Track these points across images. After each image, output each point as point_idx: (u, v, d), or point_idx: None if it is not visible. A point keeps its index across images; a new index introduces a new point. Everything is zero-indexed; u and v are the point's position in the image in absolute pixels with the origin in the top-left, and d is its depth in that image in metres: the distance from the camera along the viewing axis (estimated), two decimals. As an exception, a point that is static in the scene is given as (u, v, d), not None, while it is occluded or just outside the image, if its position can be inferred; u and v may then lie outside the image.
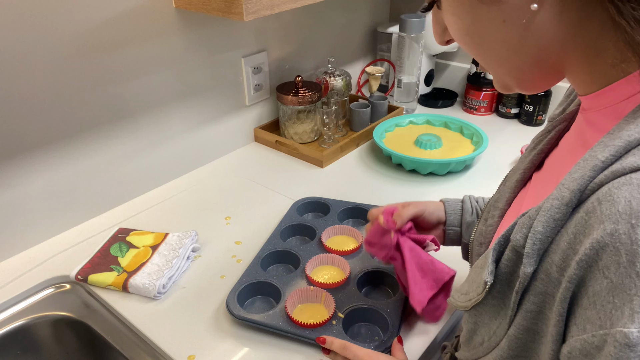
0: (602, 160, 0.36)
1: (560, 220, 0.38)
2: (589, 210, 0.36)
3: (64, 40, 0.84)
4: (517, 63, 0.44)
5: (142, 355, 0.72)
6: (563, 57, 0.42)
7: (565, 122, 0.54)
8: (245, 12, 0.83)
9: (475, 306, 0.47)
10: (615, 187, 0.34)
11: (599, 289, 0.34)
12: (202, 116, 1.14)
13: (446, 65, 1.55)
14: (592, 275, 0.35)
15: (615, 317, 0.33)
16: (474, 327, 0.49)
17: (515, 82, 0.47)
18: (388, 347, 0.68)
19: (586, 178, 0.37)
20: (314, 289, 0.76)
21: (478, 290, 0.45)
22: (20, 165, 0.85)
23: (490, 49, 0.45)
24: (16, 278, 0.84)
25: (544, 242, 0.39)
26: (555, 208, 0.38)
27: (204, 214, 1.00)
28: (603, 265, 0.34)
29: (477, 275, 0.47)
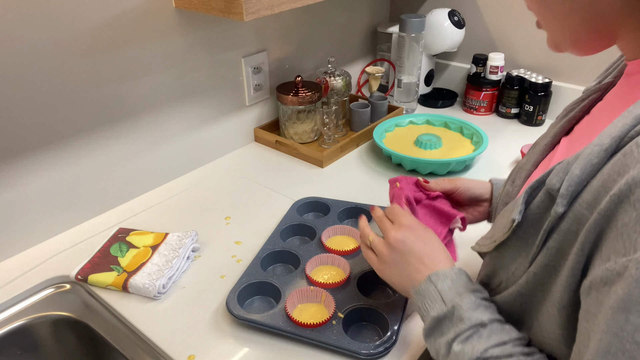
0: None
1: (597, 165, 0.40)
2: (626, 152, 0.38)
3: (64, 40, 0.84)
4: (576, 21, 0.47)
5: (142, 355, 0.72)
6: (620, 22, 0.45)
7: (599, 92, 0.56)
8: (245, 12, 0.83)
9: (498, 248, 0.50)
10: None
11: (628, 220, 0.36)
12: (202, 116, 1.14)
13: (446, 65, 1.55)
14: (623, 209, 0.37)
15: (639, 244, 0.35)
16: (493, 269, 0.52)
17: (570, 41, 0.49)
18: (388, 347, 0.67)
19: (627, 126, 0.39)
20: (314, 289, 0.76)
21: (504, 230, 0.48)
22: (20, 165, 0.85)
23: (552, 7, 0.48)
24: (16, 278, 0.84)
25: (579, 185, 0.41)
26: (595, 153, 0.40)
27: (204, 214, 1.00)
28: (635, 199, 0.36)
29: (503, 219, 0.49)
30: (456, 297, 0.52)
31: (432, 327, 0.53)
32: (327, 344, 0.68)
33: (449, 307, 0.52)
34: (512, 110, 1.39)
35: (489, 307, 0.52)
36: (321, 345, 0.68)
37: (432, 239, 0.61)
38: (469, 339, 0.49)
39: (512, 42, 1.39)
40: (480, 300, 0.52)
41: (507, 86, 1.38)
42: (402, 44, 1.37)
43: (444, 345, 0.51)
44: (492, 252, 0.51)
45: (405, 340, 0.71)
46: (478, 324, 0.49)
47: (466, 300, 0.51)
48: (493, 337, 0.48)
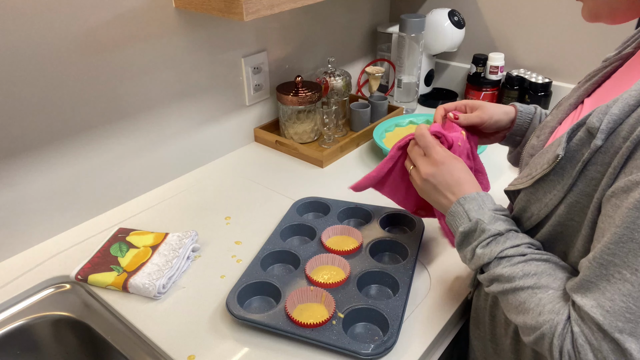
0: None
1: (634, 105, 0.48)
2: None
3: (64, 40, 0.84)
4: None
5: (142, 355, 0.72)
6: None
7: (620, 61, 0.62)
8: (245, 12, 0.83)
9: (534, 183, 0.57)
10: None
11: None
12: (202, 116, 1.14)
13: (446, 65, 1.55)
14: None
15: None
16: (525, 204, 0.59)
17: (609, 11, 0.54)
18: (388, 347, 0.67)
19: None
20: (314, 289, 0.76)
21: (544, 165, 0.55)
22: (20, 165, 0.85)
23: None
24: (16, 278, 0.84)
25: (617, 122, 0.48)
26: (632, 97, 0.48)
27: (204, 214, 1.00)
28: None
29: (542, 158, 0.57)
30: (479, 214, 0.62)
31: (461, 240, 0.63)
32: (327, 344, 0.68)
33: (473, 222, 0.61)
34: (512, 110, 1.39)
35: (507, 221, 0.61)
36: (321, 345, 0.68)
37: (460, 170, 0.67)
38: (489, 245, 0.59)
39: (512, 42, 1.39)
40: (499, 216, 0.61)
41: (507, 86, 1.38)
42: (402, 44, 1.37)
43: (469, 251, 0.61)
44: (528, 188, 0.58)
45: (405, 340, 0.71)
46: (496, 233, 0.59)
47: (487, 216, 0.61)
48: (508, 242, 0.58)
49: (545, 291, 0.54)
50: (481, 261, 0.60)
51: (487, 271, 0.60)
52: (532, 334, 0.53)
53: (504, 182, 1.08)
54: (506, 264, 0.57)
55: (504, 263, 0.57)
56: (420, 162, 0.70)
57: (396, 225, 0.95)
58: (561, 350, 0.50)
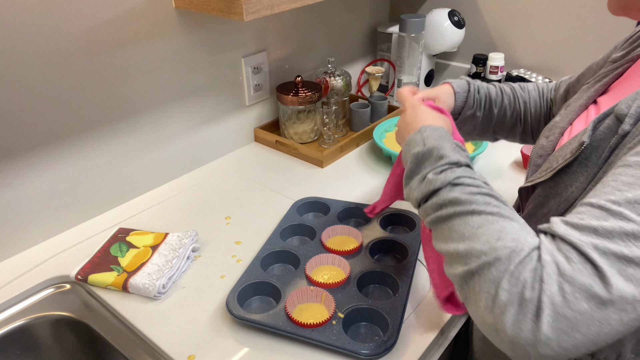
0: None
1: None
2: None
3: (64, 40, 0.84)
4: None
5: (142, 355, 0.72)
6: None
7: (631, 62, 0.61)
8: (245, 12, 0.83)
9: (555, 176, 0.54)
10: None
11: None
12: (202, 116, 1.14)
13: (446, 65, 1.55)
14: None
15: None
16: (543, 199, 0.56)
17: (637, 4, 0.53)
18: (388, 348, 0.67)
19: None
20: (314, 289, 0.76)
21: (567, 155, 0.53)
22: (20, 165, 0.85)
23: None
24: (16, 278, 0.84)
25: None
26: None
27: (204, 214, 1.00)
28: None
29: (563, 150, 0.55)
30: (439, 142, 0.56)
31: (413, 166, 0.56)
32: (327, 344, 0.68)
33: (428, 147, 0.55)
34: (512, 110, 1.39)
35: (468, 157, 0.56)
36: (321, 345, 0.68)
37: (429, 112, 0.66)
38: (443, 172, 0.52)
39: (512, 42, 1.39)
40: (461, 150, 0.56)
41: (507, 86, 1.38)
42: (402, 44, 1.37)
43: (418, 179, 0.54)
44: (547, 182, 0.55)
45: (405, 340, 0.71)
46: (455, 162, 0.53)
47: (448, 145, 0.55)
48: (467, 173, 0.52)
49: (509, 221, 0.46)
50: (431, 186, 0.52)
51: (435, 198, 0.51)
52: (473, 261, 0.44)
53: (504, 182, 1.09)
54: (462, 190, 0.49)
55: (459, 190, 0.50)
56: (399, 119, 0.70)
57: (396, 225, 0.95)
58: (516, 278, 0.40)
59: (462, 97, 0.80)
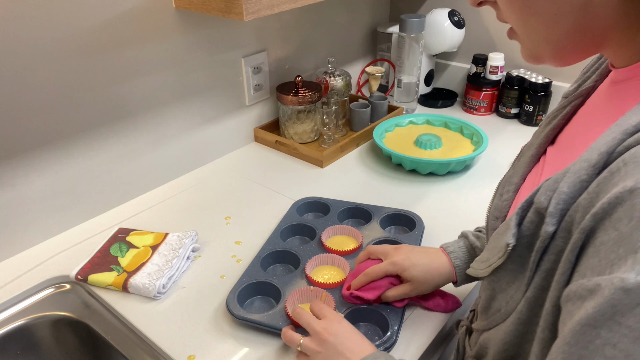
0: (634, 124, 0.37)
1: (586, 181, 0.38)
2: (613, 170, 0.36)
3: (64, 40, 0.84)
4: (561, 30, 0.43)
5: (142, 355, 0.72)
6: (607, 28, 0.41)
7: (581, 98, 0.54)
8: (245, 12, 0.83)
9: (495, 272, 0.48)
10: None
11: (607, 239, 0.35)
12: (202, 116, 1.14)
13: (446, 65, 1.55)
14: (603, 227, 0.35)
15: (616, 266, 0.33)
16: (491, 294, 0.50)
17: (551, 52, 0.45)
18: (388, 348, 0.68)
19: (616, 140, 0.37)
20: (313, 289, 0.76)
21: (499, 254, 0.46)
22: (20, 165, 0.85)
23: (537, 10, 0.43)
24: (16, 278, 0.84)
25: (568, 203, 0.39)
26: (583, 170, 0.38)
27: (204, 214, 1.00)
28: (615, 218, 0.34)
29: (497, 242, 0.48)
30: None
31: None
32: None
33: None
34: (512, 110, 1.39)
35: None
36: None
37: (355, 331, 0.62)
38: None
39: (512, 42, 1.39)
40: None
41: (507, 86, 1.38)
42: (402, 44, 1.37)
43: None
44: (490, 276, 0.50)
45: (405, 340, 0.71)
46: None
47: None
48: None
49: None
50: None
51: None
52: None
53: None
54: None
55: None
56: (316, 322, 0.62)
57: (396, 225, 0.95)
58: None
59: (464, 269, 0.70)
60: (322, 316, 0.64)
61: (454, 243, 0.73)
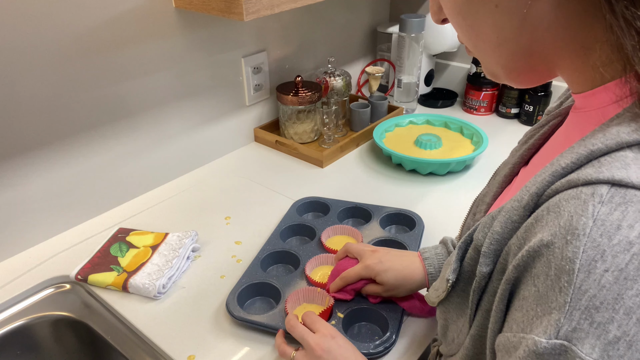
0: (563, 166, 0.36)
1: (517, 222, 0.38)
2: (537, 217, 0.36)
3: (63, 40, 0.84)
4: (507, 52, 0.42)
5: (142, 355, 0.72)
6: (555, 52, 0.40)
7: (560, 117, 0.53)
8: (245, 12, 0.83)
9: (443, 302, 0.48)
10: (564, 199, 0.34)
11: (528, 294, 0.35)
12: (202, 116, 1.14)
13: (446, 65, 1.55)
14: (525, 280, 0.36)
15: (534, 325, 0.34)
16: (444, 323, 0.50)
17: (504, 72, 0.44)
18: (388, 347, 0.68)
19: (545, 183, 0.37)
20: (313, 290, 0.76)
21: (442, 286, 0.46)
22: (20, 165, 0.85)
23: (482, 33, 0.42)
24: (16, 278, 0.84)
25: (501, 243, 0.39)
26: (514, 210, 0.38)
27: (204, 214, 1.00)
28: (535, 273, 0.34)
29: (444, 272, 0.47)
30: None
31: None
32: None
33: None
34: (512, 110, 1.39)
35: None
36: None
37: (350, 346, 0.61)
38: None
39: (512, 42, 1.39)
40: None
41: (507, 86, 1.38)
42: (402, 44, 1.37)
43: None
44: (440, 306, 0.50)
45: (405, 340, 0.71)
46: None
47: None
48: None
49: None
50: None
51: None
52: None
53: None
54: None
55: None
56: (310, 337, 0.61)
57: (396, 225, 0.95)
58: None
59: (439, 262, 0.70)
60: (315, 330, 0.62)
61: (432, 249, 0.72)
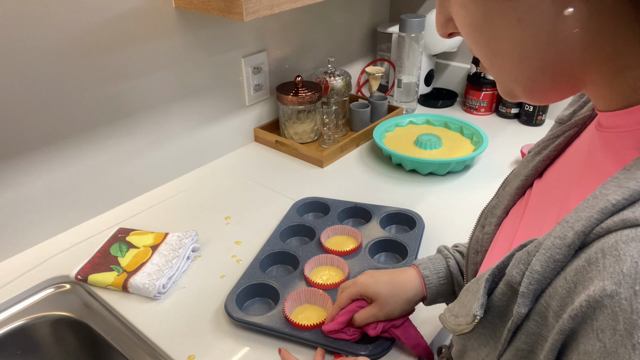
0: (614, 203, 0.32)
1: (560, 262, 0.34)
2: (591, 260, 0.32)
3: (64, 40, 0.84)
4: (528, 69, 0.39)
5: (142, 355, 0.72)
6: (582, 68, 0.37)
7: (576, 128, 0.49)
8: (245, 12, 0.83)
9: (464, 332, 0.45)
10: (623, 240, 0.30)
11: (591, 350, 0.31)
12: (202, 116, 1.14)
13: (446, 65, 1.55)
14: (585, 333, 0.32)
15: None
16: (463, 348, 0.46)
17: (523, 90, 0.41)
18: (386, 349, 0.67)
19: (593, 220, 0.33)
20: (312, 290, 0.76)
21: (467, 319, 0.42)
22: (20, 165, 0.85)
23: (500, 49, 0.40)
24: (16, 278, 0.84)
25: (541, 283, 0.35)
26: (557, 248, 0.34)
27: (204, 214, 1.01)
28: (598, 327, 0.31)
29: (467, 301, 0.44)
30: None
31: None
32: (325, 345, 0.68)
33: None
34: (512, 110, 1.39)
35: None
36: (319, 346, 0.68)
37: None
38: None
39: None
40: None
41: (507, 86, 1.38)
42: (402, 44, 1.37)
43: None
44: (459, 335, 0.46)
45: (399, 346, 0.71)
46: None
47: None
48: None
49: None
50: None
51: None
52: None
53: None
54: None
55: None
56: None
57: (396, 224, 0.95)
58: None
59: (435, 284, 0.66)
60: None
61: (425, 258, 0.70)
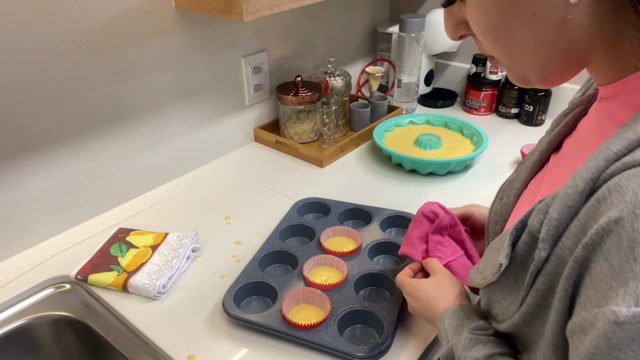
0: (615, 152, 0.38)
1: (574, 207, 0.40)
2: (599, 198, 0.38)
3: (63, 40, 0.84)
4: (544, 57, 0.44)
5: (142, 355, 0.72)
6: (589, 50, 0.43)
7: (582, 105, 0.55)
8: (245, 12, 0.83)
9: (489, 285, 0.50)
10: (624, 178, 0.36)
11: (600, 270, 0.36)
12: (202, 116, 1.14)
13: (446, 65, 1.55)
14: (596, 258, 0.37)
15: (610, 297, 0.35)
16: (488, 302, 0.52)
17: (538, 77, 0.46)
18: (383, 351, 0.67)
19: (599, 168, 0.39)
20: (310, 290, 0.76)
21: (493, 270, 0.48)
22: (20, 165, 0.85)
23: (517, 42, 0.44)
24: (16, 278, 0.84)
25: (558, 228, 0.41)
26: (570, 196, 0.40)
27: (204, 214, 1.01)
28: (606, 249, 0.36)
29: (492, 257, 0.49)
30: (455, 336, 0.56)
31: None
32: (322, 346, 0.68)
33: (449, 346, 0.56)
34: (512, 110, 1.39)
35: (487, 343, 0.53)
36: (316, 346, 0.68)
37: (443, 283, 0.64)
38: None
39: (513, 42, 1.39)
40: (477, 337, 0.53)
41: (507, 86, 1.38)
42: (402, 44, 1.37)
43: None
44: (484, 288, 0.52)
45: (400, 343, 0.71)
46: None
47: (462, 340, 0.54)
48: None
49: None
50: None
51: None
52: None
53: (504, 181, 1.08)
54: None
55: None
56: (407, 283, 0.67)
57: (396, 227, 0.95)
58: None
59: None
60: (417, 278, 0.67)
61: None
